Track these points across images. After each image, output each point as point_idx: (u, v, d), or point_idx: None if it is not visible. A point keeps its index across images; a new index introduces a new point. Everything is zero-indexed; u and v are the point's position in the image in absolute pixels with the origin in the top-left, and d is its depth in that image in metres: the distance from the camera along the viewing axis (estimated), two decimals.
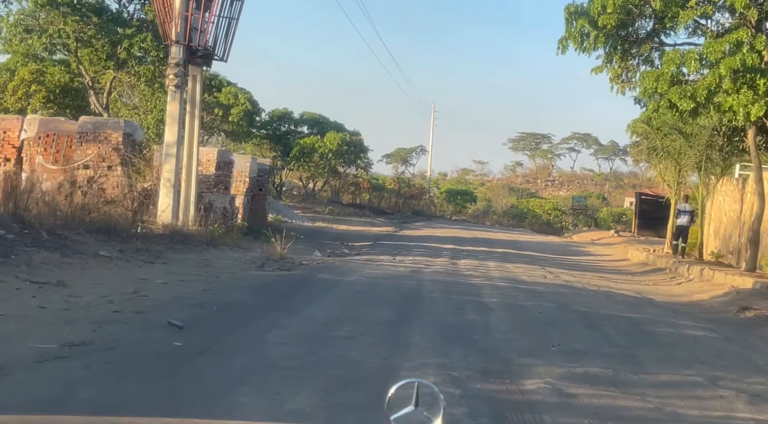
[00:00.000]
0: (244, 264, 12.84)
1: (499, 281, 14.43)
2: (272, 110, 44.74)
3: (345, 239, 26.17)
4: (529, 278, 16.42)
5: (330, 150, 41.78)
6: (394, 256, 20.03)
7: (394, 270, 14.98)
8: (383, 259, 18.83)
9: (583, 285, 15.98)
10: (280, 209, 32.40)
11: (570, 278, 17.80)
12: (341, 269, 14.05)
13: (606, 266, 23.47)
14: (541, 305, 10.92)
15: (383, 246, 24.24)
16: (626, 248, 29.09)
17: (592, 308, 11.21)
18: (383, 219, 40.10)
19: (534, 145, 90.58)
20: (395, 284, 11.73)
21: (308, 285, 10.84)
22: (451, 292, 11.42)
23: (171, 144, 16.07)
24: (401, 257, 19.70)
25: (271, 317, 7.79)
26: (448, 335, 7.72)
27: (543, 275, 17.84)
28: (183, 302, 8.06)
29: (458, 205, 54.29)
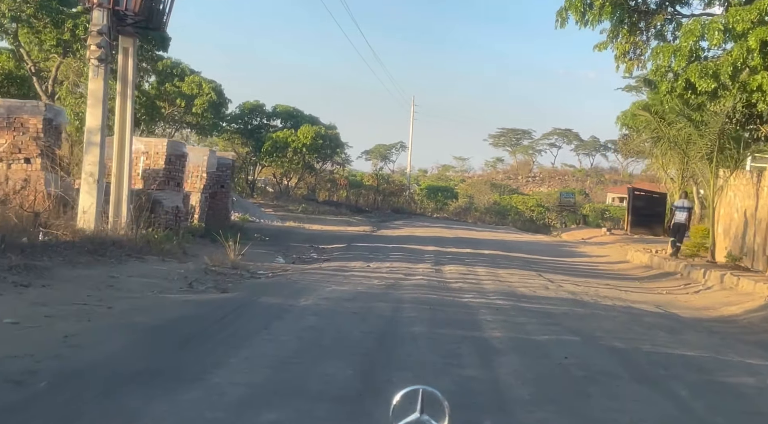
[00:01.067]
0: (167, 282, 9.67)
1: (495, 297, 11.37)
2: (243, 103, 41.54)
3: (316, 241, 23.05)
4: (529, 289, 13.37)
5: (304, 144, 38.58)
6: (369, 262, 16.92)
7: (365, 284, 11.88)
8: (355, 266, 15.71)
9: (594, 299, 12.97)
10: (248, 208, 29.21)
11: (574, 287, 14.79)
12: (297, 286, 10.90)
13: (607, 270, 20.49)
14: (561, 339, 7.86)
15: (358, 249, 21.12)
16: (622, 248, 26.18)
17: (627, 341, 8.18)
18: (361, 217, 36.97)
19: (515, 141, 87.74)
20: (364, 311, 8.62)
21: (240, 318, 7.66)
22: (439, 322, 8.32)
23: (94, 130, 12.85)
24: (377, 264, 16.59)
25: (137, 399, 4.50)
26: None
27: (543, 284, 14.81)
28: (1, 369, 4.77)
29: (439, 202, 51.27)
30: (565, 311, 10.54)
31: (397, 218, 41.41)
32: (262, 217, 28.94)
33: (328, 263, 16.39)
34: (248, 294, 9.21)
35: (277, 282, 11.32)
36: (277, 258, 17.23)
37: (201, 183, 21.37)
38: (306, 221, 30.36)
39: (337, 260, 17.54)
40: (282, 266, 15.61)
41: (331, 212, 36.87)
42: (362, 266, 15.99)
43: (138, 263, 10.94)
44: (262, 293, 9.46)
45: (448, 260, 19.20)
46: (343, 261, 17.02)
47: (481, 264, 18.58)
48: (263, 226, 26.87)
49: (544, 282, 15.28)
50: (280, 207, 35.72)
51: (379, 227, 31.72)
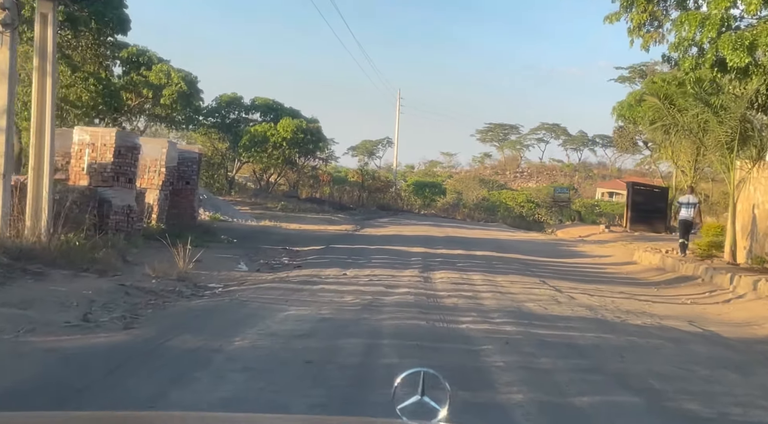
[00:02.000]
0: (56, 311, 6.94)
1: (501, 320, 8.75)
2: (220, 96, 38.67)
3: (291, 242, 20.36)
4: (538, 305, 10.76)
5: (284, 139, 35.81)
6: (346, 268, 14.27)
7: (335, 305, 9.23)
8: (329, 275, 13.05)
9: (618, 316, 10.41)
10: (220, 206, 26.48)
11: (588, 299, 12.21)
12: (243, 311, 8.17)
13: (616, 274, 17.93)
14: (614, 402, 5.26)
15: (336, 252, 18.45)
16: (625, 247, 23.65)
17: (699, 398, 5.60)
18: (344, 215, 34.28)
19: (502, 137, 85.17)
20: (322, 357, 5.91)
21: (112, 389, 4.74)
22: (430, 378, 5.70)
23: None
24: (355, 271, 13.93)
25: None
26: None
27: (551, 295, 12.21)
28: None
29: (427, 198, 48.61)
30: (594, 340, 7.92)
31: (382, 215, 38.75)
32: (235, 216, 26.22)
33: (298, 271, 13.70)
34: (159, 332, 6.46)
35: (219, 304, 8.62)
36: (240, 264, 14.54)
37: (159, 179, 18.63)
38: (284, 220, 27.64)
39: (309, 266, 14.86)
40: (242, 276, 12.92)
41: (312, 210, 34.16)
42: (337, 274, 13.32)
43: (32, 281, 8.22)
44: (183, 329, 6.72)
45: (438, 264, 16.57)
46: (317, 268, 14.34)
47: (475, 269, 15.96)
48: (236, 226, 24.15)
49: (551, 292, 12.68)
50: (258, 205, 32.98)
51: (363, 226, 29.05)
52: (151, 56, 28.63)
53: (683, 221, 20.52)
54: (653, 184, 32.10)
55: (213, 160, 40.49)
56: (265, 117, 39.07)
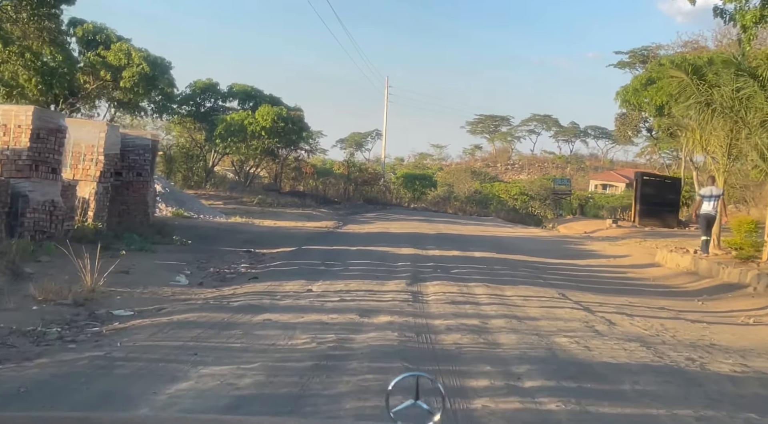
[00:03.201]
0: None
1: (532, 381, 5.50)
2: (194, 82, 35.17)
3: (259, 243, 17.04)
4: (573, 340, 7.48)
5: (263, 128, 32.32)
6: (314, 281, 10.92)
7: (276, 354, 5.91)
8: (287, 293, 9.70)
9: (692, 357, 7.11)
10: (185, 201, 23.06)
11: (632, 324, 8.95)
12: (100, 386, 4.71)
13: (643, 281, 14.68)
14: None
15: (308, 255, 15.10)
16: (641, 245, 20.41)
17: None
18: (327, 210, 30.91)
19: (493, 128, 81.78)
20: None
21: None
22: None
23: None
24: (324, 285, 10.60)
25: None
26: None
27: (583, 319, 8.92)
28: None
29: (416, 191, 45.19)
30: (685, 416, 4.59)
31: (369, 209, 35.38)
32: (202, 211, 22.81)
33: (250, 286, 10.33)
34: None
35: (81, 365, 5.17)
36: (179, 276, 11.14)
37: (96, 169, 15.21)
38: (259, 216, 24.25)
39: (269, 276, 11.49)
40: (173, 294, 9.55)
41: (293, 205, 30.78)
42: (300, 290, 9.97)
43: None
44: None
45: (430, 270, 13.23)
46: (277, 279, 10.98)
47: (476, 277, 12.65)
48: (200, 223, 20.75)
49: (580, 313, 9.37)
50: (233, 199, 29.57)
51: (346, 222, 25.68)
52: (109, 34, 25.16)
53: (705, 216, 17.30)
54: (664, 175, 28.87)
55: (191, 151, 37.07)
56: (244, 105, 35.61)
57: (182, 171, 36.20)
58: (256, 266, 13.39)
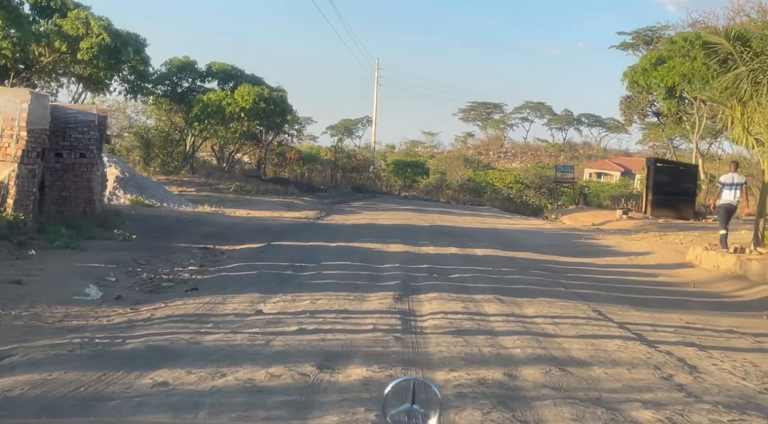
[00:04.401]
0: None
1: None
2: (170, 59, 31.90)
3: (222, 238, 14.12)
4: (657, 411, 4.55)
5: (242, 109, 29.21)
6: (270, 296, 8.01)
7: None
8: (226, 317, 6.80)
9: None
10: (147, 188, 20.00)
11: (722, 371, 6.10)
12: None
13: (682, 288, 11.85)
14: None
15: (276, 254, 12.16)
16: (663, 241, 17.60)
17: None
18: (311, 198, 27.90)
19: (485, 115, 78.63)
20: None
21: None
22: None
23: None
24: (283, 302, 7.70)
25: None
26: None
27: (646, 358, 6.12)
28: None
29: (408, 178, 42.18)
30: None
31: (357, 197, 32.39)
32: (167, 200, 19.78)
33: (178, 305, 7.39)
34: None
35: None
36: (89, 288, 8.15)
37: (18, 147, 12.14)
38: (233, 205, 21.25)
39: (211, 289, 8.54)
40: (60, 320, 6.59)
41: (274, 192, 27.77)
42: (244, 312, 7.04)
43: None
44: None
45: (424, 277, 10.31)
46: (220, 293, 8.04)
47: (483, 286, 9.77)
48: (161, 213, 17.75)
49: (640, 349, 6.52)
50: (208, 186, 26.51)
51: (330, 212, 22.70)
52: (66, 1, 21.94)
53: (726, 207, 14.60)
54: (678, 161, 26.02)
55: (171, 136, 33.91)
56: (224, 85, 32.42)
57: (161, 156, 33.09)
58: (207, 269, 10.44)
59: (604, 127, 77.30)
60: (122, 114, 42.15)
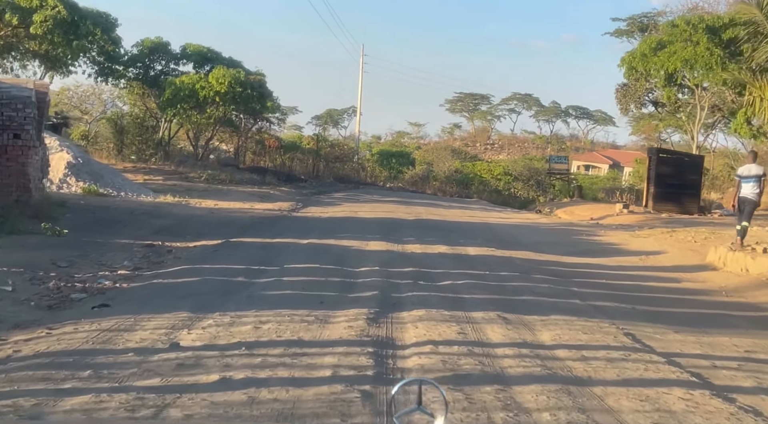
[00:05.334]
0: None
1: None
2: (142, 40, 29.52)
3: (175, 232, 12.03)
4: None
5: (217, 93, 26.93)
6: (201, 317, 5.91)
7: None
8: (118, 357, 4.67)
9: None
10: (103, 176, 17.78)
11: None
12: None
13: (713, 295, 9.89)
14: None
15: (232, 254, 10.05)
16: (673, 238, 15.64)
17: None
18: (289, 188, 25.71)
19: (472, 107, 76.50)
20: None
21: None
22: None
23: None
24: (215, 326, 5.60)
25: None
26: None
27: None
28: None
29: (393, 169, 40.07)
30: None
31: (340, 188, 30.24)
32: (125, 188, 17.57)
33: (66, 332, 5.27)
34: None
35: None
36: None
37: None
38: (201, 195, 19.08)
39: (126, 305, 6.43)
40: None
41: (250, 182, 25.57)
42: (151, 347, 4.94)
43: None
44: None
45: (409, 286, 8.24)
46: (134, 313, 5.92)
47: (480, 298, 7.74)
48: (113, 203, 15.54)
49: (711, 402, 4.38)
50: (178, 174, 24.28)
51: (308, 203, 20.55)
52: None
53: (745, 200, 12.67)
54: (683, 151, 24.08)
55: (146, 122, 31.56)
56: (200, 69, 30.08)
57: (136, 144, 30.78)
58: (142, 273, 8.32)
59: (592, 120, 75.56)
60: (98, 99, 39.70)
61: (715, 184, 34.60)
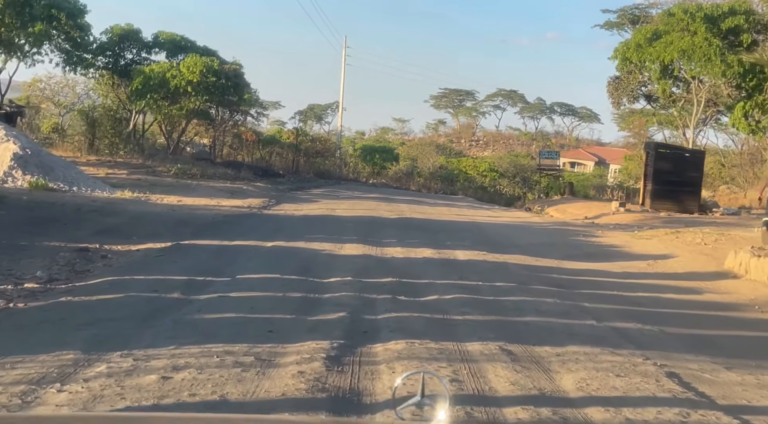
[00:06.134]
0: None
1: None
2: (111, 27, 27.58)
3: (122, 233, 10.33)
4: None
5: (189, 82, 25.07)
6: (98, 357, 4.29)
7: None
8: None
9: None
10: (54, 169, 15.93)
11: None
12: None
13: (746, 310, 8.33)
14: None
15: (178, 261, 8.33)
16: (678, 239, 14.12)
17: None
18: (264, 184, 23.90)
19: (457, 103, 74.82)
20: None
21: None
22: None
23: None
24: (103, 378, 3.94)
25: None
26: None
27: None
28: None
29: (376, 165, 38.38)
30: None
31: (319, 184, 28.50)
32: (78, 183, 15.74)
33: None
34: None
35: None
36: None
37: None
38: (163, 190, 17.29)
39: (3, 338, 4.60)
40: None
41: (224, 177, 23.75)
42: None
43: None
44: None
45: (386, 303, 6.60)
46: (1, 355, 4.10)
47: (474, 320, 6.13)
48: (60, 199, 13.73)
49: None
50: (144, 168, 22.42)
51: (283, 200, 18.79)
52: None
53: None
54: (683, 147, 22.56)
55: (120, 114, 29.60)
56: (173, 58, 28.18)
57: (108, 137, 28.83)
58: (54, 287, 6.60)
59: (577, 117, 74.25)
60: (71, 91, 37.62)
61: (707, 182, 33.30)
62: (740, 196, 29.47)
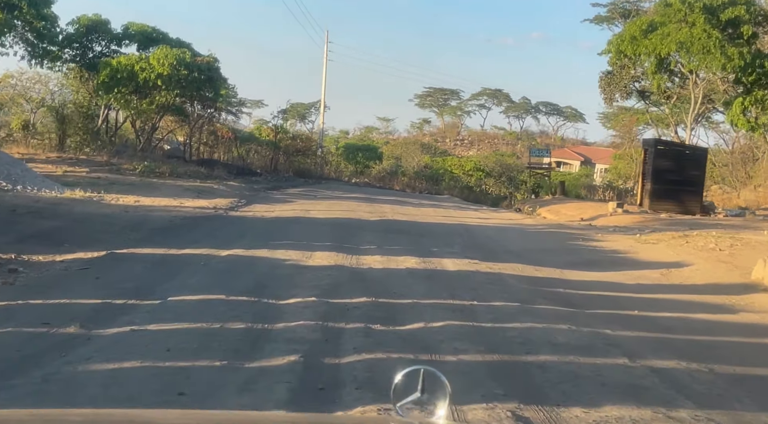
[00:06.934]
0: None
1: None
2: (78, 17, 25.72)
3: (53, 238, 8.65)
4: None
5: (159, 76, 23.27)
6: None
7: None
8: None
9: None
10: (1, 165, 14.12)
11: None
12: None
13: None
14: None
15: (103, 277, 6.67)
16: (688, 244, 12.62)
17: None
18: (239, 183, 22.15)
19: (442, 102, 73.19)
20: None
21: None
22: None
23: None
24: None
25: None
26: None
27: None
28: None
29: (359, 164, 36.78)
30: None
31: (298, 183, 26.79)
32: (24, 181, 13.98)
33: None
34: None
35: None
36: None
37: None
38: (123, 190, 15.55)
39: None
40: None
41: (195, 175, 21.98)
42: None
43: None
44: None
45: (355, 338, 4.97)
46: None
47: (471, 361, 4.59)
48: (1, 199, 11.94)
49: None
50: (110, 166, 20.62)
51: (253, 200, 17.08)
52: None
53: None
54: (684, 143, 21.10)
55: (91, 110, 27.75)
56: (144, 50, 26.36)
57: (79, 134, 27.00)
58: None
59: (562, 116, 73.01)
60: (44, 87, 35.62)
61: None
62: (733, 196, 28.14)
